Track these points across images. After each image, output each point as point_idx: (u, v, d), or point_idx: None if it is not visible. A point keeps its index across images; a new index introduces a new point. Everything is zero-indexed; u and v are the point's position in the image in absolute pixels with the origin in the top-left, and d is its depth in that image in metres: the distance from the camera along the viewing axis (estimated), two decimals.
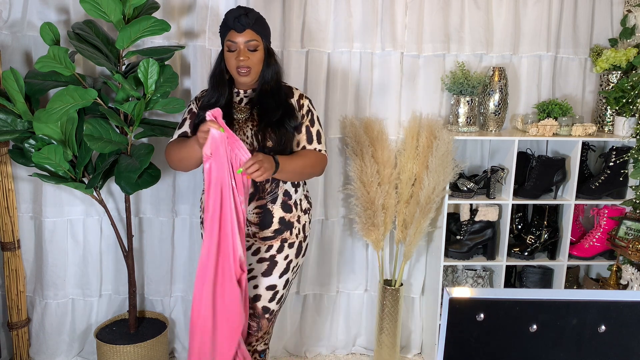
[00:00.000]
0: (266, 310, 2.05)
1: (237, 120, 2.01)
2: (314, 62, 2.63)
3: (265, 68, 2.00)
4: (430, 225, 2.66)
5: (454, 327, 0.90)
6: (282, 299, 2.10)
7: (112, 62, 2.29)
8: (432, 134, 2.62)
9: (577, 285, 3.00)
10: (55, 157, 2.18)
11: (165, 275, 2.76)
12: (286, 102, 2.03)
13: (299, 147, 2.04)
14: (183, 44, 2.57)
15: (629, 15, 2.76)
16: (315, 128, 2.07)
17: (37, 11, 2.46)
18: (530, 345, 0.91)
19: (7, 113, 2.23)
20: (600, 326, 0.90)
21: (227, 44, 1.96)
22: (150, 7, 2.33)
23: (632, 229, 2.60)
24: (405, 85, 2.73)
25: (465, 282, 2.85)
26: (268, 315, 2.06)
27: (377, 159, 2.60)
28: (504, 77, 2.66)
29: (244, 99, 2.06)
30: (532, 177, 2.72)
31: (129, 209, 2.48)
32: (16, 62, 2.49)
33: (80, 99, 2.11)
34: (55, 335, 2.70)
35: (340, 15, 2.61)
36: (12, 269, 2.56)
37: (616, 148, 2.71)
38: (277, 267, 2.05)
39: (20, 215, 2.62)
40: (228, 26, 1.94)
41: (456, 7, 2.67)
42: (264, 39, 1.98)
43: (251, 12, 1.95)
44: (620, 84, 2.63)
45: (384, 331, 2.72)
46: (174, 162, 2.03)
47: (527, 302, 0.90)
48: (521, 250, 2.76)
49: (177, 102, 2.30)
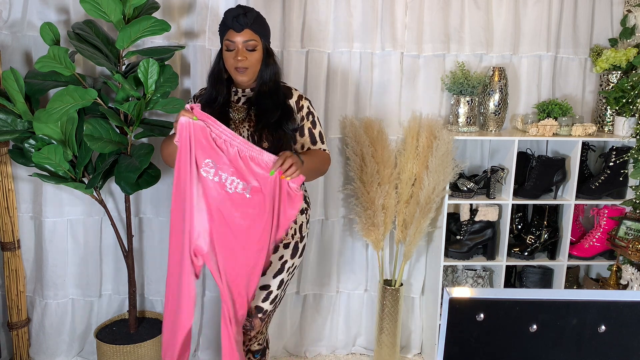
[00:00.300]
0: (259, 310, 2.03)
1: (233, 120, 2.01)
2: (314, 62, 2.64)
3: (264, 68, 2.00)
4: (430, 225, 2.67)
5: (454, 327, 0.90)
6: (277, 300, 2.08)
7: (112, 62, 2.29)
8: (432, 134, 2.63)
9: (577, 285, 3.00)
10: (55, 157, 2.18)
11: (165, 275, 2.75)
12: (284, 104, 2.02)
13: (303, 149, 2.05)
14: (183, 44, 2.57)
15: (629, 15, 2.76)
16: (318, 129, 2.09)
17: (37, 11, 2.46)
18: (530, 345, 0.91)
19: (7, 113, 2.23)
20: (600, 326, 0.90)
21: (225, 43, 1.96)
22: (150, 7, 2.33)
23: (632, 229, 2.60)
24: (405, 85, 2.73)
25: (465, 282, 2.85)
26: (261, 315, 2.03)
27: (377, 159, 2.60)
28: (504, 77, 2.66)
29: (241, 99, 2.05)
30: (532, 177, 2.72)
31: (129, 209, 2.48)
32: (16, 62, 2.49)
33: (80, 99, 2.11)
34: (55, 335, 2.70)
35: (340, 15, 2.61)
36: (12, 269, 2.56)
37: (616, 148, 2.72)
38: (271, 267, 2.03)
39: (20, 215, 2.62)
40: (227, 25, 1.94)
41: (456, 7, 2.67)
42: (262, 39, 1.98)
43: (250, 12, 1.95)
44: (620, 84, 2.63)
45: (384, 331, 2.72)
46: (165, 157, 2.01)
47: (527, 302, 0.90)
48: (521, 250, 2.76)
49: (177, 102, 2.30)
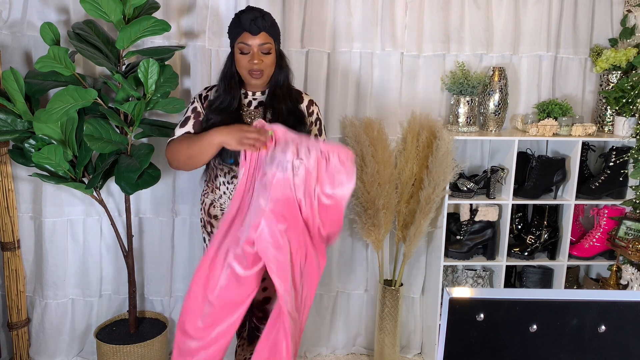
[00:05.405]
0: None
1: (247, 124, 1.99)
2: (314, 62, 2.64)
3: (278, 71, 1.99)
4: (430, 225, 2.66)
5: (454, 327, 0.90)
6: None
7: (112, 62, 2.29)
8: (432, 134, 2.62)
9: (577, 285, 3.00)
10: (55, 157, 2.18)
11: (165, 275, 2.76)
12: (298, 109, 2.02)
13: None
14: (183, 44, 2.57)
15: (629, 15, 2.76)
16: (322, 137, 2.10)
17: (37, 11, 2.46)
18: (530, 345, 0.91)
19: (7, 113, 2.23)
20: (600, 326, 0.90)
21: (239, 46, 1.91)
22: (150, 7, 2.33)
23: (632, 229, 2.60)
24: (405, 85, 2.73)
25: (465, 282, 2.85)
26: None
27: (377, 159, 2.60)
28: (504, 77, 2.66)
29: (252, 102, 2.03)
30: (532, 177, 2.72)
31: (129, 209, 2.48)
32: (16, 62, 2.49)
33: (80, 99, 2.11)
34: (55, 335, 2.70)
35: (340, 15, 2.61)
36: (12, 269, 2.56)
37: (616, 148, 2.71)
38: None
39: (20, 215, 2.62)
40: (242, 28, 1.89)
41: (456, 7, 2.67)
42: (276, 42, 1.96)
43: (267, 15, 1.92)
44: (620, 84, 2.63)
45: (384, 331, 2.72)
46: (182, 160, 1.95)
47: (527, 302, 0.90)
48: (521, 250, 2.76)
49: (177, 102, 2.30)
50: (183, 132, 2.01)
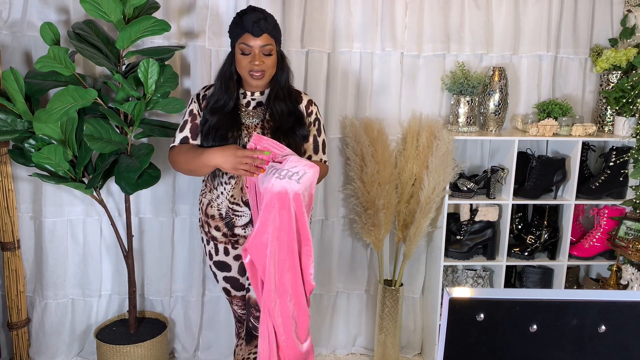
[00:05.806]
0: None
1: (245, 125, 1.99)
2: (314, 62, 2.63)
3: (279, 72, 1.99)
4: (430, 225, 2.66)
5: (454, 327, 0.90)
6: None
7: (112, 62, 2.29)
8: (432, 134, 2.62)
9: (577, 285, 3.00)
10: (55, 157, 2.18)
11: (165, 275, 2.76)
12: (297, 109, 2.02)
13: (304, 155, 2.05)
14: (183, 44, 2.57)
15: (629, 15, 2.76)
16: (322, 137, 2.09)
17: (37, 11, 2.46)
18: (530, 345, 0.91)
19: (7, 113, 2.23)
20: (600, 326, 0.90)
21: (240, 46, 1.91)
22: (150, 7, 2.33)
23: (632, 229, 2.60)
24: (405, 85, 2.73)
25: (465, 282, 2.85)
26: None
27: (377, 159, 2.60)
28: (504, 77, 2.66)
29: (251, 102, 2.03)
30: (532, 177, 2.72)
31: (129, 209, 2.48)
32: (16, 62, 2.49)
33: (80, 99, 2.11)
34: (55, 335, 2.70)
35: (340, 15, 2.61)
36: (12, 269, 2.56)
37: (616, 148, 2.71)
38: None
39: (20, 215, 2.62)
40: (244, 29, 1.89)
41: (456, 7, 2.67)
42: (277, 43, 1.97)
43: (269, 17, 1.92)
44: (620, 84, 2.63)
45: (384, 331, 2.72)
46: (183, 171, 2.03)
47: (527, 302, 0.90)
48: (521, 250, 2.76)
49: (177, 102, 2.30)
50: (182, 137, 2.04)
